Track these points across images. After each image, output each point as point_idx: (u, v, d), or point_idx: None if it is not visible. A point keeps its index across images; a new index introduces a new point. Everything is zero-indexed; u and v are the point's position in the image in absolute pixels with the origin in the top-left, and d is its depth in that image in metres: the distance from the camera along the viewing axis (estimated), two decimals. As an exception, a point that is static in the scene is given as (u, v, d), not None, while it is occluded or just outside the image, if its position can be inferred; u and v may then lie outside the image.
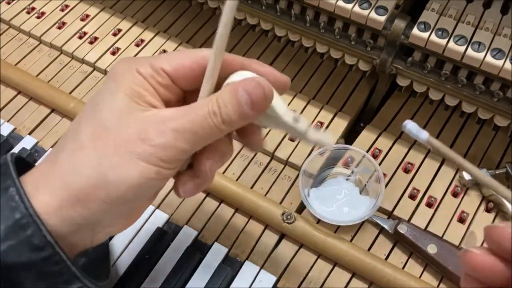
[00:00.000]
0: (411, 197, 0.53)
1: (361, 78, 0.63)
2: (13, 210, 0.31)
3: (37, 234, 0.31)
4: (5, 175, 0.32)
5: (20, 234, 0.31)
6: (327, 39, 0.57)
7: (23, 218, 0.31)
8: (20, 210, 0.31)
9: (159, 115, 0.33)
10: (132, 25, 0.68)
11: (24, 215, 0.31)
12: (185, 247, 0.50)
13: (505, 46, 0.49)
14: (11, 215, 0.31)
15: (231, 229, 0.52)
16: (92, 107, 0.34)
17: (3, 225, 0.31)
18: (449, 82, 0.53)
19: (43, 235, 0.31)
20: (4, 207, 0.31)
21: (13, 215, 0.31)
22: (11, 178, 0.32)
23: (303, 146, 0.57)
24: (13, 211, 0.31)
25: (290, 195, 0.54)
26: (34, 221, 0.31)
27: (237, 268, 0.50)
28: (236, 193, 0.53)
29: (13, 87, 0.63)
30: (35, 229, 0.31)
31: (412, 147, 0.57)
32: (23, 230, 0.31)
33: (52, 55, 0.66)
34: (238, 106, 0.32)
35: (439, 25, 0.51)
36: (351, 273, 0.50)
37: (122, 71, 0.34)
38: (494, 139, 0.58)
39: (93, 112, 0.34)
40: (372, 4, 0.53)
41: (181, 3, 0.71)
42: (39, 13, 0.69)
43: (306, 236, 0.50)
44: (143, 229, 0.52)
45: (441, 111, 0.60)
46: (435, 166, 0.56)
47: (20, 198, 0.31)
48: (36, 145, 0.59)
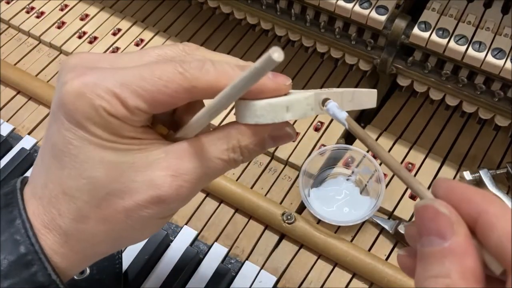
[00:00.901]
0: (412, 198, 0.53)
1: (362, 78, 0.63)
2: (18, 245, 0.29)
3: (42, 272, 0.29)
4: (11, 205, 0.30)
5: (23, 272, 0.29)
6: (327, 39, 0.57)
7: (28, 254, 0.29)
8: (25, 246, 0.29)
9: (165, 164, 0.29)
10: (132, 24, 0.68)
11: (29, 251, 0.29)
12: (185, 247, 0.50)
13: (505, 46, 0.49)
14: (15, 250, 0.29)
15: (231, 229, 0.52)
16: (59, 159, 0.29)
17: (6, 260, 0.29)
18: (449, 82, 0.53)
19: (48, 273, 0.29)
20: (9, 241, 0.29)
21: (18, 250, 0.29)
22: (18, 209, 0.30)
23: (303, 146, 0.57)
24: (17, 245, 0.29)
25: (290, 195, 0.54)
26: (39, 258, 0.29)
27: (237, 268, 0.50)
28: (236, 193, 0.53)
29: (13, 87, 0.63)
30: (40, 267, 0.29)
31: (412, 147, 0.57)
32: (27, 268, 0.29)
33: (51, 54, 0.66)
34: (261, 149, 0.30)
35: (439, 24, 0.51)
36: (352, 273, 0.49)
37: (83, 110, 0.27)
38: (495, 139, 0.58)
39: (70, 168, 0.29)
40: (373, 4, 0.52)
41: (181, 3, 0.71)
42: (38, 13, 0.69)
43: (306, 237, 0.50)
44: (143, 229, 0.51)
45: (441, 111, 0.60)
46: (435, 166, 0.55)
47: (25, 232, 0.29)
48: (36, 145, 0.58)
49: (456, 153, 0.57)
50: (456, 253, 0.22)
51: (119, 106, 0.27)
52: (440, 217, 0.23)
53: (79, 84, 0.28)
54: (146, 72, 0.28)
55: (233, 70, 0.29)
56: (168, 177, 0.29)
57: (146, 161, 0.29)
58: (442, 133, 0.59)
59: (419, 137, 0.58)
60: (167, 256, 0.50)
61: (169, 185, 0.29)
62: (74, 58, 0.30)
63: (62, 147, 0.29)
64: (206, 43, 0.67)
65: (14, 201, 0.30)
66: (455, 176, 0.55)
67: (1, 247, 0.29)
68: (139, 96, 0.27)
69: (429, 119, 0.60)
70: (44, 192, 0.30)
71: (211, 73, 0.28)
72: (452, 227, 0.23)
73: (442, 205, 0.23)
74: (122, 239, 0.32)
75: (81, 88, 0.27)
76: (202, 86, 0.28)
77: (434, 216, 0.23)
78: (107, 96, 0.27)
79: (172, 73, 0.27)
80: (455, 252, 0.22)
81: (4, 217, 0.30)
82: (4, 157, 0.57)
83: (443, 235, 0.23)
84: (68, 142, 0.28)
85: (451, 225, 0.23)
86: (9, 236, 0.29)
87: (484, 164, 0.56)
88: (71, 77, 0.28)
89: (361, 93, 0.32)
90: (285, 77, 0.30)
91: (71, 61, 0.30)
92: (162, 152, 0.29)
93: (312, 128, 0.59)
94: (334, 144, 0.56)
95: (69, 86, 0.28)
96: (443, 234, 0.23)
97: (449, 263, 0.22)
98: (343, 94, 0.30)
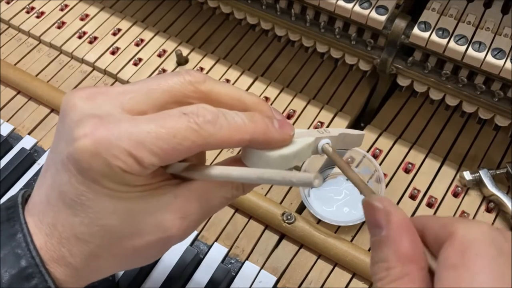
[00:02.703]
0: (412, 197, 0.53)
1: (362, 78, 0.63)
2: (19, 258, 0.29)
3: (42, 285, 0.29)
4: (12, 219, 0.30)
5: (24, 285, 0.29)
6: (327, 39, 0.57)
7: (29, 267, 0.29)
8: (26, 259, 0.29)
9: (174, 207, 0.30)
10: (132, 24, 0.68)
11: (30, 265, 0.29)
12: (185, 247, 0.50)
13: (505, 46, 0.49)
14: (16, 263, 0.29)
15: (231, 229, 0.52)
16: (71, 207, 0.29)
17: (7, 273, 0.29)
18: (449, 82, 0.53)
19: (48, 286, 0.29)
20: (10, 255, 0.29)
21: (19, 263, 0.29)
22: (19, 224, 0.30)
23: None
24: (18, 259, 0.29)
25: (290, 195, 0.54)
26: (40, 272, 0.29)
27: (237, 268, 0.50)
28: (236, 193, 0.53)
29: (13, 87, 0.63)
30: (40, 280, 0.29)
31: (412, 147, 0.57)
32: (28, 281, 0.29)
33: (51, 54, 0.66)
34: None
35: (439, 24, 0.51)
36: (352, 273, 0.49)
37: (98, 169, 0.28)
38: (495, 139, 0.58)
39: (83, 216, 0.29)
40: (373, 4, 0.52)
41: (181, 3, 0.71)
42: (38, 13, 0.69)
43: (306, 237, 0.50)
44: (143, 229, 0.51)
45: (441, 111, 0.60)
46: (435, 166, 0.55)
47: (26, 246, 0.29)
48: (36, 145, 0.58)
49: (456, 153, 0.57)
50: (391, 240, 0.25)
51: (135, 164, 0.28)
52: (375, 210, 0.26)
53: (93, 142, 0.27)
54: (160, 130, 0.28)
55: (245, 126, 0.30)
56: (177, 219, 0.30)
57: (157, 205, 0.30)
58: (442, 133, 0.59)
59: (419, 137, 0.58)
60: (167, 256, 0.50)
61: (178, 227, 0.30)
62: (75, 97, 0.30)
63: (75, 198, 0.29)
64: (206, 43, 0.67)
65: (16, 216, 0.31)
66: (455, 176, 0.55)
67: (2, 261, 0.29)
68: (154, 155, 0.28)
69: (429, 119, 0.60)
70: (53, 232, 0.30)
71: (225, 129, 0.29)
72: (386, 218, 0.26)
73: (377, 200, 0.26)
74: (128, 267, 0.34)
75: (96, 147, 0.27)
76: (216, 142, 0.29)
77: (372, 210, 0.26)
78: (123, 156, 0.27)
79: (186, 130, 0.28)
80: (390, 238, 0.25)
81: (5, 231, 0.30)
82: (4, 157, 0.57)
83: (380, 225, 0.26)
84: (81, 194, 0.29)
85: (385, 216, 0.26)
86: (11, 250, 0.29)
87: (484, 164, 0.56)
88: (84, 133, 0.28)
89: (352, 136, 0.35)
90: (290, 126, 0.32)
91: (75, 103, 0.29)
92: (172, 196, 0.30)
93: (312, 128, 0.59)
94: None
95: (82, 144, 0.27)
96: (380, 224, 0.26)
97: (387, 249, 0.25)
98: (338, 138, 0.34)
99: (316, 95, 0.62)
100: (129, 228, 0.30)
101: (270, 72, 0.64)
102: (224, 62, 0.64)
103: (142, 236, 0.30)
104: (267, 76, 0.64)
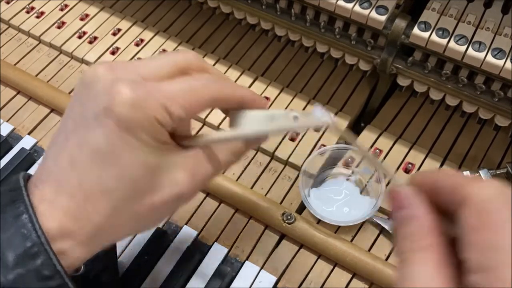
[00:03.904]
0: (412, 197, 0.53)
1: (362, 78, 0.63)
2: (25, 238, 0.30)
3: (47, 263, 0.30)
4: (17, 201, 0.32)
5: (29, 264, 0.30)
6: (327, 39, 0.57)
7: (34, 246, 0.30)
8: (32, 239, 0.30)
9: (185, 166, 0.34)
10: (132, 24, 0.68)
11: (35, 243, 0.30)
12: (185, 247, 0.50)
13: (506, 46, 0.49)
14: (22, 243, 0.30)
15: (231, 229, 0.52)
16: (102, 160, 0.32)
17: (13, 253, 0.30)
18: (449, 82, 0.53)
19: (53, 264, 0.30)
20: (16, 235, 0.31)
21: (24, 243, 0.30)
22: (24, 205, 0.31)
23: (303, 146, 0.57)
24: (24, 239, 0.30)
25: (290, 195, 0.54)
26: (45, 250, 0.30)
27: (237, 269, 0.50)
28: (236, 193, 0.53)
29: (13, 87, 0.63)
30: (45, 258, 0.30)
31: (412, 147, 0.57)
32: (33, 260, 0.30)
33: (51, 54, 0.66)
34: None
35: (439, 24, 0.51)
36: (352, 273, 0.49)
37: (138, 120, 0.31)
38: (495, 139, 0.58)
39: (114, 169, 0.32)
40: (373, 4, 0.52)
41: (181, 3, 0.71)
42: (38, 13, 0.69)
43: (306, 237, 0.50)
44: (143, 229, 0.51)
45: (441, 111, 0.60)
46: (435, 166, 0.55)
47: (32, 226, 0.31)
48: (36, 145, 0.58)
49: (456, 153, 0.57)
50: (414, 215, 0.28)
51: (167, 117, 0.32)
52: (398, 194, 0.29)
53: (134, 96, 0.31)
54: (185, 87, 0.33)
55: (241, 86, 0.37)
56: (187, 177, 0.33)
57: (171, 162, 0.33)
58: (442, 133, 0.59)
59: (419, 137, 0.58)
60: (167, 256, 0.50)
61: (187, 184, 0.34)
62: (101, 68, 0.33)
63: (109, 150, 0.31)
64: (206, 43, 0.67)
65: (20, 197, 0.32)
66: (455, 176, 0.55)
67: (9, 242, 0.30)
68: (181, 108, 0.32)
69: (429, 119, 0.60)
70: (78, 192, 0.32)
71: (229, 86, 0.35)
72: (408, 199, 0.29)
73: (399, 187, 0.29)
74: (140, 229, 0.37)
75: (137, 100, 0.31)
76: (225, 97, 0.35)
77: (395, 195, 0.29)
78: (159, 108, 0.31)
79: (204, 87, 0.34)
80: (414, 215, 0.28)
81: (11, 212, 0.31)
82: (4, 157, 0.57)
83: (403, 206, 0.29)
84: (116, 146, 0.31)
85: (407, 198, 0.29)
86: (16, 230, 0.31)
87: (484, 164, 0.56)
88: (123, 90, 0.31)
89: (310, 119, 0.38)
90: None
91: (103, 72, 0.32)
92: (182, 156, 0.34)
93: (311, 129, 0.59)
94: (334, 144, 0.56)
95: (122, 97, 0.31)
96: (403, 205, 0.29)
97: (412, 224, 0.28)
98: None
99: (316, 95, 0.62)
100: (150, 183, 0.32)
101: (270, 72, 0.64)
102: (224, 62, 0.64)
103: (159, 191, 0.33)
104: (267, 76, 0.64)
